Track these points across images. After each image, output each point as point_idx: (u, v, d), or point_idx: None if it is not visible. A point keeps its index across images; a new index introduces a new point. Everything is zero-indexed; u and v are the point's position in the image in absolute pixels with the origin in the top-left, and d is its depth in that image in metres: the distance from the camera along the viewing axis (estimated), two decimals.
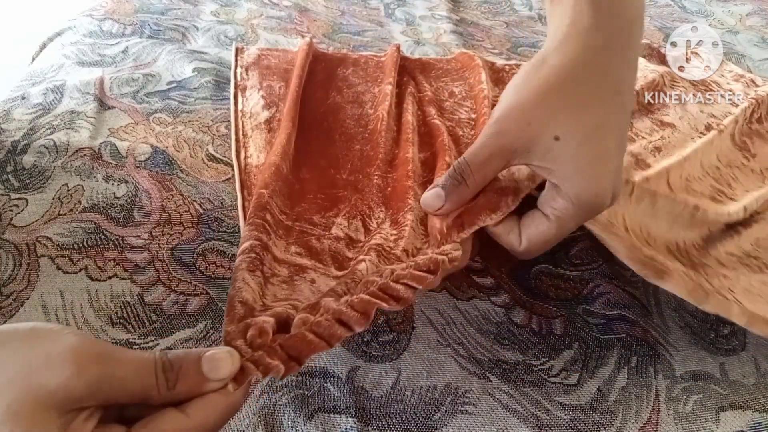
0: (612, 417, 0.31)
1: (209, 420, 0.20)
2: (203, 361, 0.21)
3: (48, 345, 0.19)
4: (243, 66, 0.51)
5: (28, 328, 0.19)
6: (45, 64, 0.51)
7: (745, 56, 0.68)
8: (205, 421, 0.20)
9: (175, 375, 0.20)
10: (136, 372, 0.20)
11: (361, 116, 0.47)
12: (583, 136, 0.25)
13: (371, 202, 0.38)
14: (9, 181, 0.38)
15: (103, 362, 0.19)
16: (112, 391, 0.19)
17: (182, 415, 0.20)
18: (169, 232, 0.37)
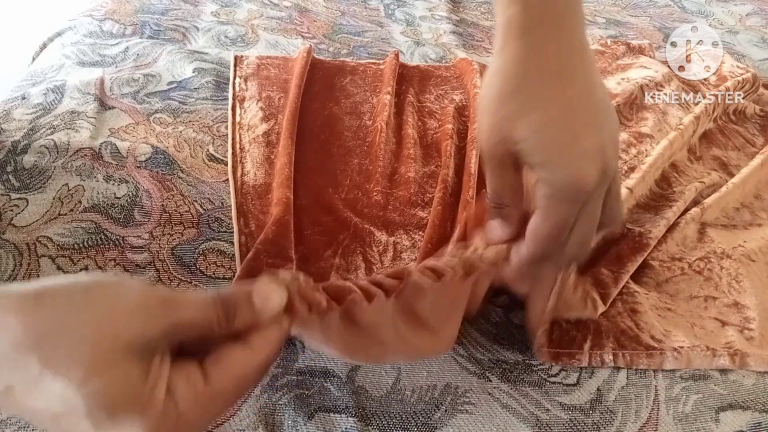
0: (611, 417, 0.31)
1: (270, 351, 0.23)
2: (254, 296, 0.23)
3: (114, 297, 0.20)
4: (242, 76, 0.50)
5: (89, 282, 0.20)
6: (45, 64, 0.51)
7: (744, 56, 0.68)
8: (267, 352, 0.23)
9: (233, 310, 0.22)
10: (200, 312, 0.21)
11: (360, 128, 0.47)
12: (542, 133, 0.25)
13: (372, 226, 0.38)
14: (9, 181, 0.38)
15: (170, 307, 0.21)
16: (181, 332, 0.21)
17: (248, 350, 0.22)
18: (170, 232, 0.37)
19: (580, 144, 0.25)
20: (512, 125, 0.26)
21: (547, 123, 0.26)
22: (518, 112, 0.26)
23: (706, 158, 0.50)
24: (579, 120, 0.26)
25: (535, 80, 0.26)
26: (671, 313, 0.37)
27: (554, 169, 0.25)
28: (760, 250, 0.41)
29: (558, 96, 0.26)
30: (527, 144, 0.26)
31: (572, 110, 0.26)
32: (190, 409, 0.20)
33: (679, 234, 0.41)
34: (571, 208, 0.26)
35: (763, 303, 0.38)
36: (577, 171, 0.25)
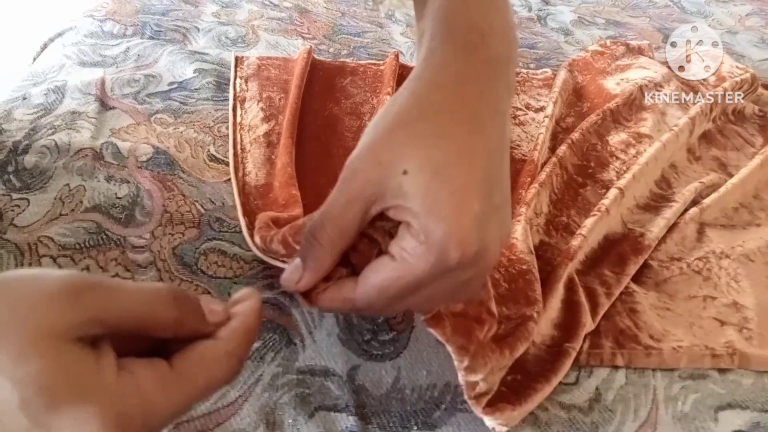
0: (610, 416, 0.31)
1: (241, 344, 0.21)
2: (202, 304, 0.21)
3: (31, 285, 0.18)
4: (242, 77, 0.51)
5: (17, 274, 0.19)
6: (46, 65, 0.51)
7: (744, 56, 0.68)
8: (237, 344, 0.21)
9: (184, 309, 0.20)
10: (142, 300, 0.19)
11: (360, 128, 0.47)
12: (434, 171, 0.22)
13: None
14: (11, 181, 0.38)
15: (99, 291, 0.19)
16: (118, 318, 0.19)
17: (217, 341, 0.21)
18: (171, 232, 0.37)
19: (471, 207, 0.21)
20: (405, 151, 0.22)
21: (445, 165, 0.22)
22: (416, 140, 0.22)
23: (706, 158, 0.50)
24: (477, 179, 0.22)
25: (446, 116, 0.23)
26: (670, 313, 0.37)
27: (435, 220, 0.21)
28: (758, 250, 0.41)
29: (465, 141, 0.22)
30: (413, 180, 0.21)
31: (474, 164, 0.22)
32: (155, 391, 0.18)
33: (678, 234, 0.42)
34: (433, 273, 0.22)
35: (761, 303, 0.38)
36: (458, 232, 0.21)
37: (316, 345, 0.33)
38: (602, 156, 0.48)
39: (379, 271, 0.23)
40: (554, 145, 0.49)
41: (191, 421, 0.28)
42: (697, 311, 0.37)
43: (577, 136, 0.48)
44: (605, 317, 0.36)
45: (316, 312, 0.34)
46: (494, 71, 0.25)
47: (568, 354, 0.32)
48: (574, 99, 0.55)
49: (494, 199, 0.23)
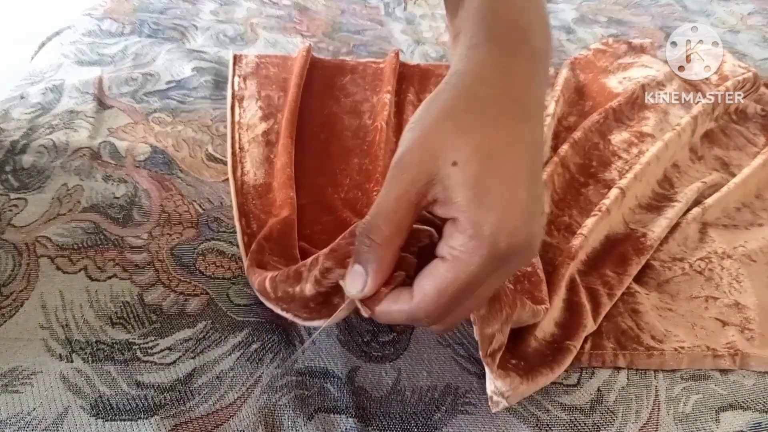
0: (612, 417, 0.31)
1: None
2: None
3: None
4: (241, 75, 0.50)
5: None
6: (44, 64, 0.50)
7: (746, 56, 0.67)
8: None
9: None
10: None
11: (360, 127, 0.46)
12: (482, 161, 0.21)
13: None
14: (8, 180, 0.38)
15: None
16: None
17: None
18: (169, 232, 0.37)
19: (522, 197, 0.21)
20: (454, 142, 0.22)
21: (494, 155, 0.21)
22: (465, 131, 0.22)
23: (708, 158, 0.50)
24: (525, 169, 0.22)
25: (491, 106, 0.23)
26: (672, 314, 0.37)
27: (485, 212, 0.21)
28: (761, 250, 0.41)
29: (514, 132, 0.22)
30: (462, 171, 0.21)
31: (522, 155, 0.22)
32: None
33: (680, 234, 0.41)
34: (487, 267, 0.21)
35: (763, 303, 0.38)
36: (509, 222, 0.21)
37: (315, 346, 0.32)
38: (604, 155, 0.47)
39: (433, 275, 0.22)
40: (556, 144, 0.48)
41: (189, 422, 0.28)
42: (698, 312, 0.37)
43: (579, 135, 0.47)
44: (607, 318, 0.35)
45: None
46: (536, 65, 0.25)
47: (569, 350, 0.32)
48: (576, 98, 0.55)
49: (537, 189, 0.23)
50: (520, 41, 0.25)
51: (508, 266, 0.22)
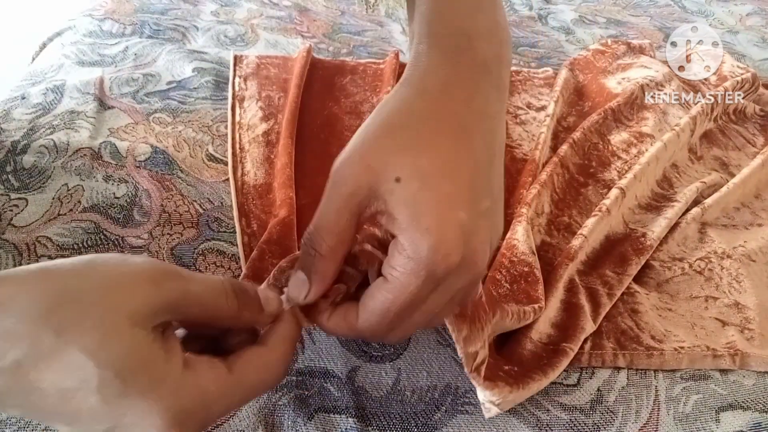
0: (612, 417, 0.31)
1: (287, 351, 0.23)
2: (260, 293, 0.23)
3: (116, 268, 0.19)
4: (241, 76, 0.50)
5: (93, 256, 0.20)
6: (45, 64, 0.51)
7: (745, 56, 0.68)
8: (285, 351, 0.23)
9: (243, 294, 0.22)
10: (208, 289, 0.21)
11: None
12: (421, 180, 0.21)
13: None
14: (9, 181, 0.38)
15: (177, 279, 0.20)
16: (189, 306, 0.20)
17: (267, 348, 0.22)
18: (169, 232, 0.37)
19: (453, 213, 0.21)
20: (396, 158, 0.22)
21: (430, 175, 0.21)
22: (406, 148, 0.22)
23: (707, 158, 0.50)
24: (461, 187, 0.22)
25: (431, 125, 0.22)
26: (672, 314, 0.37)
27: (421, 233, 0.21)
28: (760, 250, 0.41)
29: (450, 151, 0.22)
30: (404, 188, 0.21)
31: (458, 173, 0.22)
32: (215, 390, 0.19)
33: (679, 234, 0.41)
34: (426, 287, 0.22)
35: (763, 303, 0.38)
36: (444, 243, 0.21)
37: (315, 346, 0.32)
38: (604, 155, 0.47)
39: (375, 295, 0.23)
40: (555, 144, 0.48)
41: None
42: (698, 312, 0.37)
43: (579, 135, 0.48)
44: (607, 318, 0.36)
45: None
46: (482, 74, 0.24)
47: (565, 353, 0.32)
48: (575, 98, 0.55)
49: (481, 205, 0.22)
50: (464, 48, 0.24)
51: (448, 285, 0.22)
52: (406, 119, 0.23)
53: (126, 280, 0.19)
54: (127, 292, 0.19)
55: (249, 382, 0.21)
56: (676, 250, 0.41)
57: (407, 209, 0.21)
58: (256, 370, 0.21)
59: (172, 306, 0.20)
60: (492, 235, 0.23)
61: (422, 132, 0.22)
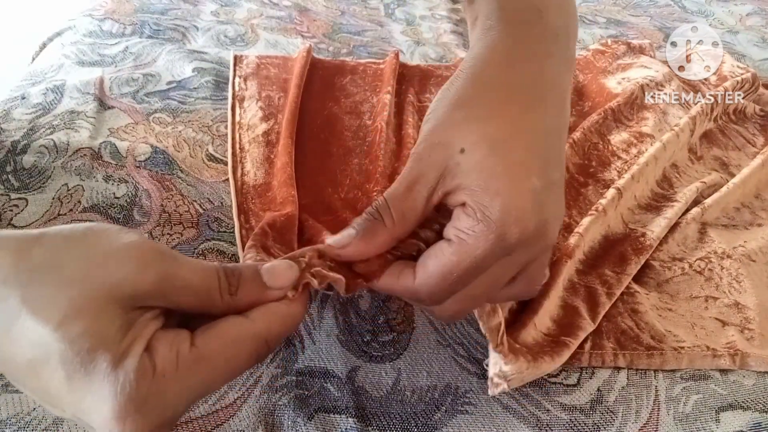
0: (612, 417, 0.31)
1: (272, 327, 0.20)
2: (263, 272, 0.21)
3: (108, 241, 0.18)
4: (241, 76, 0.50)
5: (90, 225, 0.19)
6: (45, 64, 0.51)
7: (745, 56, 0.68)
8: (267, 326, 0.20)
9: (237, 281, 0.20)
10: (200, 274, 0.19)
11: (360, 128, 0.46)
12: (489, 147, 0.21)
13: None
14: (9, 181, 0.38)
15: (167, 260, 0.19)
16: (176, 290, 0.19)
17: (245, 319, 0.20)
18: (169, 232, 0.37)
19: (531, 180, 0.21)
20: (462, 130, 0.22)
21: (500, 141, 0.21)
22: (473, 119, 0.22)
23: (707, 158, 0.50)
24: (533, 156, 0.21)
25: (502, 95, 0.22)
26: (672, 313, 0.37)
27: (492, 195, 0.20)
28: (760, 250, 0.41)
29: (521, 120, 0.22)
30: (469, 157, 0.21)
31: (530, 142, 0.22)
32: (170, 373, 0.18)
33: (679, 234, 0.41)
34: (494, 252, 0.21)
35: (763, 303, 0.38)
36: (516, 208, 0.20)
37: (315, 346, 0.32)
38: (604, 155, 0.47)
39: (438, 256, 0.22)
40: None
41: (189, 422, 0.28)
42: (698, 312, 0.37)
43: (579, 135, 0.48)
44: (606, 318, 0.36)
45: (315, 313, 0.34)
46: (553, 45, 0.24)
47: (567, 345, 0.32)
48: (575, 98, 0.55)
49: (553, 176, 0.22)
50: (534, 21, 0.24)
51: (517, 255, 0.22)
52: (477, 90, 0.23)
53: (114, 255, 0.18)
54: (112, 267, 0.18)
55: (213, 356, 0.19)
56: (676, 250, 0.41)
57: (475, 175, 0.21)
58: (224, 341, 0.19)
59: (159, 291, 0.19)
60: (560, 210, 0.23)
61: (492, 101, 0.22)
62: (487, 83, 0.23)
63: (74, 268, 0.18)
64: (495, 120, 0.22)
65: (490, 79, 0.23)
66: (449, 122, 0.22)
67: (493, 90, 0.23)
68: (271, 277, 0.21)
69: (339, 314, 0.34)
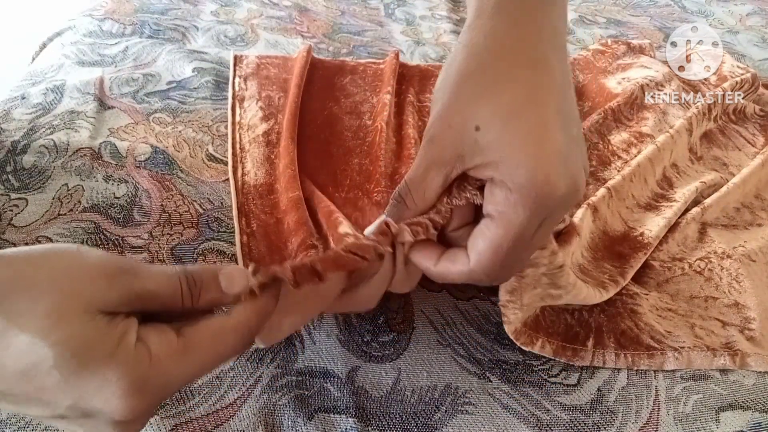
0: (612, 417, 0.31)
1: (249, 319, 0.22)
2: (221, 278, 0.22)
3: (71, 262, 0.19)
4: (241, 76, 0.50)
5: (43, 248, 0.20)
6: (45, 64, 0.51)
7: (745, 56, 0.68)
8: (245, 319, 0.22)
9: (198, 289, 0.21)
10: (163, 285, 0.21)
11: (360, 128, 0.46)
12: (504, 117, 0.21)
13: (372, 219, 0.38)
14: (9, 181, 0.38)
15: (131, 275, 0.20)
16: (141, 302, 0.20)
17: (223, 316, 0.22)
18: (169, 232, 0.37)
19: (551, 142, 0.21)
20: (473, 108, 0.22)
21: (514, 110, 0.21)
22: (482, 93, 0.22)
23: (707, 158, 0.50)
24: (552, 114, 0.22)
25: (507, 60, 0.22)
26: (672, 314, 0.37)
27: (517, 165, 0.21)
28: (760, 250, 0.41)
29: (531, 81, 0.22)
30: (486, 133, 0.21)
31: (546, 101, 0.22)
32: (165, 356, 0.20)
33: (679, 234, 0.41)
34: (536, 215, 0.21)
35: (763, 303, 0.38)
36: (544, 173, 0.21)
37: (315, 346, 0.32)
38: (604, 155, 0.47)
39: (484, 234, 0.23)
40: None
41: (190, 422, 0.28)
42: (698, 312, 0.37)
43: None
44: (607, 318, 0.36)
45: None
46: (549, 6, 0.24)
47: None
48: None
49: (572, 131, 0.22)
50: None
51: (556, 211, 0.22)
52: (481, 61, 0.23)
53: (79, 273, 0.19)
54: (80, 283, 0.19)
55: (201, 347, 0.21)
56: (676, 250, 0.41)
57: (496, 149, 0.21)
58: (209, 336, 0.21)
59: (125, 301, 0.20)
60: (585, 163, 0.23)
61: (497, 70, 0.22)
62: (488, 54, 0.23)
63: (44, 284, 0.18)
64: (504, 89, 0.22)
65: (491, 50, 0.23)
66: (458, 101, 0.22)
67: (497, 60, 0.22)
68: (228, 284, 0.22)
69: (339, 314, 0.34)
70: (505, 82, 0.22)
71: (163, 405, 0.29)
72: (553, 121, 0.22)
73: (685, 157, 0.49)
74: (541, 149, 0.21)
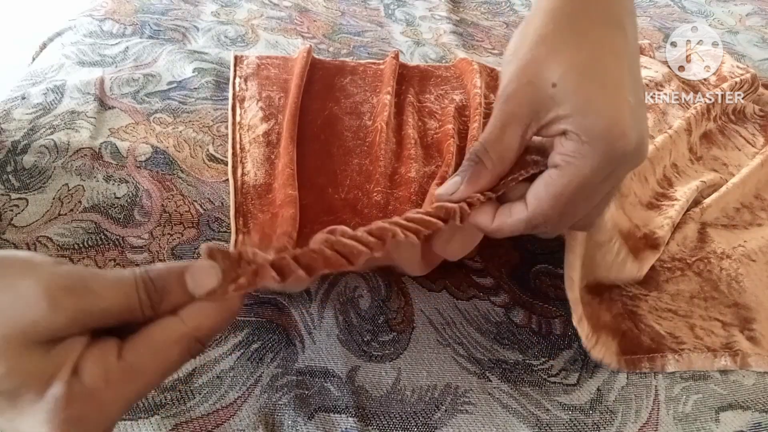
0: (611, 417, 0.31)
1: (204, 324, 0.20)
2: (187, 277, 0.20)
3: (15, 281, 0.18)
4: (242, 76, 0.50)
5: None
6: (45, 64, 0.51)
7: (744, 56, 0.68)
8: (200, 325, 0.20)
9: (159, 295, 0.20)
10: (119, 299, 0.19)
11: (360, 128, 0.46)
12: (581, 72, 0.22)
13: None
14: (9, 181, 0.38)
15: (79, 294, 0.18)
16: (94, 320, 0.19)
17: (177, 320, 0.20)
18: (170, 232, 0.37)
19: (625, 95, 0.22)
20: (550, 65, 0.22)
21: (591, 66, 0.22)
22: (560, 50, 0.22)
23: (707, 158, 0.50)
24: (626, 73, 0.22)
25: (583, 22, 0.23)
26: (671, 314, 0.37)
27: (592, 116, 0.21)
28: (760, 250, 0.41)
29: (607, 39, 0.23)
30: (562, 87, 0.22)
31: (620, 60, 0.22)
32: (100, 386, 0.18)
33: (679, 234, 0.41)
34: (602, 169, 0.22)
35: (763, 303, 0.38)
36: (618, 123, 0.21)
37: (315, 346, 0.32)
38: None
39: (547, 181, 0.23)
40: None
41: (190, 422, 0.28)
42: (698, 312, 0.37)
43: None
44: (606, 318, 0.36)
45: (315, 312, 0.34)
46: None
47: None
48: None
49: (641, 93, 0.23)
50: None
51: (621, 169, 0.23)
52: (556, 24, 0.23)
53: (19, 300, 0.18)
54: (20, 311, 0.18)
55: (143, 362, 0.19)
56: (675, 250, 0.41)
57: (572, 102, 0.22)
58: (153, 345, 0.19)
59: (73, 324, 0.18)
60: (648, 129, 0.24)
61: (575, 31, 0.23)
62: (565, 15, 0.23)
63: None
64: (581, 47, 0.23)
65: (567, 11, 0.23)
66: (535, 59, 0.23)
67: (574, 20, 0.23)
68: (195, 285, 0.20)
69: (339, 314, 0.34)
70: (581, 41, 0.23)
71: (163, 405, 0.29)
72: (627, 80, 0.22)
73: (684, 157, 0.49)
74: (617, 103, 0.21)
